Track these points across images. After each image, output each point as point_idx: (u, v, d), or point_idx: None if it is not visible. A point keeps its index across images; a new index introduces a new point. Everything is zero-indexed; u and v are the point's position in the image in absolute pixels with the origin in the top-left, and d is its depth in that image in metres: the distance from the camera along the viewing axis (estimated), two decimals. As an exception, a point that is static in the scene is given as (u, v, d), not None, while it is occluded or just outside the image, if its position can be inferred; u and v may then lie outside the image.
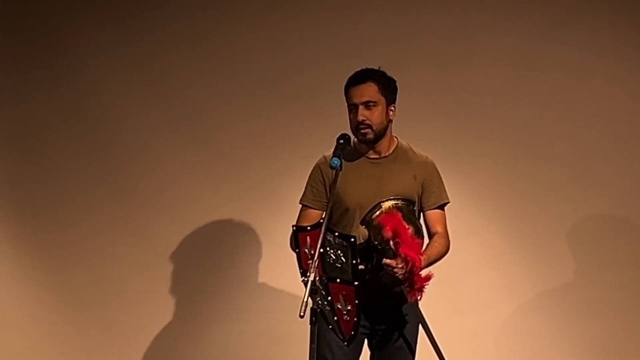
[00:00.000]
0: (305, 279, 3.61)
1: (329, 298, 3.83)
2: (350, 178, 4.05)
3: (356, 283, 3.78)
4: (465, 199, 5.29)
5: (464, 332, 5.25)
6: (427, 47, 5.30)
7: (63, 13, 5.42)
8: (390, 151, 4.18)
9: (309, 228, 3.89)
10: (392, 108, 4.16)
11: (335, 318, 3.84)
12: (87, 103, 5.39)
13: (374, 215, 4.02)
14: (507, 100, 5.29)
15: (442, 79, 5.29)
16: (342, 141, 4.01)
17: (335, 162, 3.89)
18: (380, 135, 4.12)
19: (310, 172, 4.23)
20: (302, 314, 3.53)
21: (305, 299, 3.54)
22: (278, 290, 5.28)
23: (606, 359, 5.21)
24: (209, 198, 5.34)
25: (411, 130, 5.16)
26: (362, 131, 4.08)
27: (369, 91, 4.09)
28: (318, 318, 3.67)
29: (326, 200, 4.13)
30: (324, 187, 4.16)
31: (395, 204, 4.07)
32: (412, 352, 4.19)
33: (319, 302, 3.79)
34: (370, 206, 4.05)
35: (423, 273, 3.96)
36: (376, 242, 3.94)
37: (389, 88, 4.14)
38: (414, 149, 4.25)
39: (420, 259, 3.92)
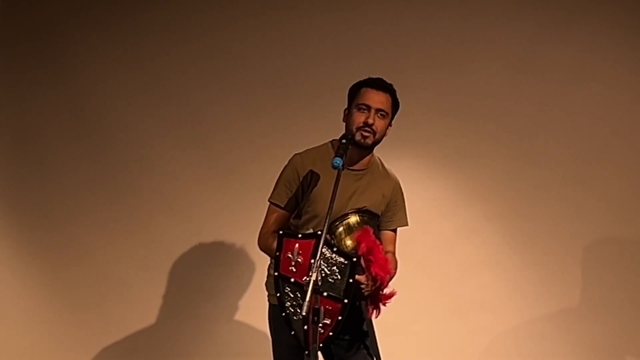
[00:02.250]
0: (307, 279, 3.61)
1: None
2: (326, 186, 4.02)
3: (345, 301, 3.80)
4: (465, 200, 5.31)
5: (463, 332, 5.26)
6: (428, 48, 5.31)
7: (63, 13, 5.42)
8: (367, 166, 4.18)
9: (299, 236, 3.90)
10: (390, 125, 4.18)
11: (306, 327, 3.80)
12: (88, 103, 5.39)
13: (340, 228, 4.05)
14: (507, 102, 5.30)
15: (442, 80, 5.30)
16: (344, 141, 4.01)
17: (338, 162, 3.87)
18: (374, 145, 4.13)
19: (283, 169, 4.19)
20: (304, 313, 3.54)
21: (307, 298, 3.56)
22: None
23: (605, 359, 5.22)
24: (210, 197, 5.34)
25: (412, 131, 5.20)
26: (365, 133, 4.07)
27: (386, 102, 4.10)
28: (319, 318, 3.69)
29: (298, 203, 4.12)
30: (298, 189, 4.13)
31: (362, 217, 4.10)
32: (376, 352, 4.16)
33: (290, 308, 3.83)
34: (337, 215, 4.05)
35: (387, 290, 4.00)
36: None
37: (396, 107, 4.17)
38: (384, 164, 4.26)
39: (387, 278, 3.97)
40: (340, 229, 4.06)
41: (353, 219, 4.08)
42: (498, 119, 5.30)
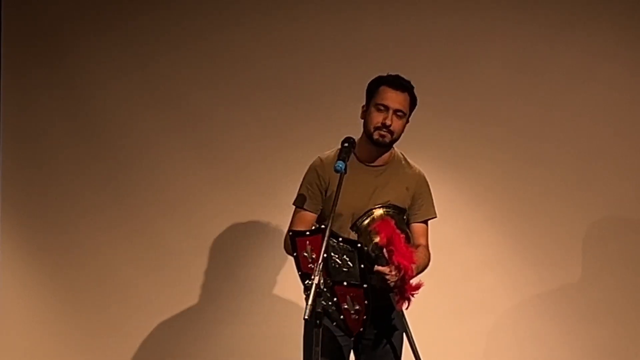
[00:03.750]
0: (310, 282, 3.63)
1: (335, 299, 3.85)
2: (347, 184, 4.03)
3: (365, 285, 3.80)
4: (467, 201, 5.31)
5: (464, 334, 5.26)
6: (429, 50, 5.31)
7: (67, 15, 5.42)
8: (388, 160, 4.21)
9: (307, 233, 3.91)
10: (407, 123, 4.21)
11: (342, 317, 3.86)
12: (92, 105, 5.39)
13: (365, 222, 4.08)
14: (510, 103, 5.30)
15: (444, 81, 5.29)
16: (346, 144, 4.03)
17: (340, 166, 3.90)
18: (391, 144, 4.17)
19: (305, 173, 4.24)
20: (306, 317, 3.56)
21: (310, 302, 3.57)
22: (284, 293, 5.28)
23: (608, 362, 5.24)
24: (214, 200, 5.34)
25: (414, 132, 5.18)
26: (383, 133, 4.10)
27: (404, 101, 4.14)
28: (322, 321, 3.68)
29: (322, 204, 4.17)
30: (319, 190, 4.18)
31: (387, 211, 4.12)
32: (398, 358, 4.21)
33: (323, 303, 3.82)
34: (361, 212, 4.09)
35: (413, 282, 4.00)
36: (366, 248, 3.97)
37: (414, 106, 4.21)
38: (408, 159, 4.29)
39: (412, 267, 3.96)
40: (366, 223, 4.08)
41: (377, 213, 4.10)
42: (500, 120, 5.30)
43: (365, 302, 3.81)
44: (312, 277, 3.63)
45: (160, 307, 5.34)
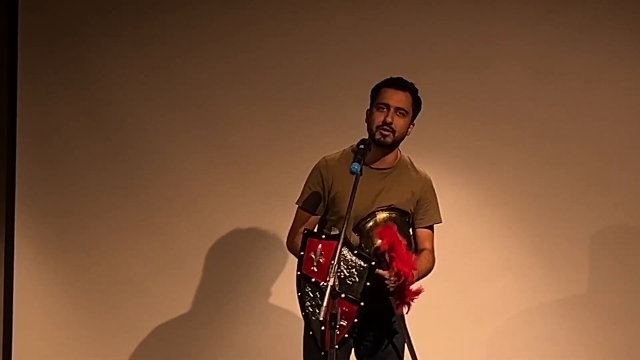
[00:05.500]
0: (325, 284, 3.65)
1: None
2: (351, 187, 4.01)
3: (362, 303, 3.82)
4: (484, 204, 5.29)
5: (482, 337, 5.25)
6: (446, 52, 5.30)
7: (83, 16, 5.43)
8: (394, 164, 4.20)
9: (323, 236, 3.94)
10: (413, 125, 4.21)
11: (323, 328, 3.82)
12: (107, 105, 5.40)
13: (368, 225, 4.09)
14: (526, 105, 5.29)
15: (461, 83, 5.28)
16: (362, 146, 4.03)
17: (356, 167, 3.90)
18: (395, 144, 4.16)
19: (309, 173, 4.26)
20: (321, 317, 3.57)
21: (325, 303, 3.57)
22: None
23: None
24: (228, 201, 5.34)
25: (430, 134, 5.18)
26: (385, 132, 4.10)
27: (405, 100, 4.14)
28: (337, 322, 3.68)
29: (324, 205, 4.19)
30: (322, 191, 4.19)
31: (390, 214, 4.12)
32: (401, 358, 4.20)
33: (309, 308, 3.82)
34: (365, 215, 4.09)
35: (413, 287, 4.01)
36: (367, 251, 3.99)
37: (418, 106, 4.21)
38: (414, 164, 4.29)
39: (412, 273, 3.97)
40: (369, 226, 4.08)
41: (380, 216, 4.10)
42: (518, 122, 5.28)
43: (355, 320, 3.81)
44: (327, 278, 3.65)
45: (174, 307, 5.35)
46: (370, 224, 4.09)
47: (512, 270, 5.28)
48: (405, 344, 4.12)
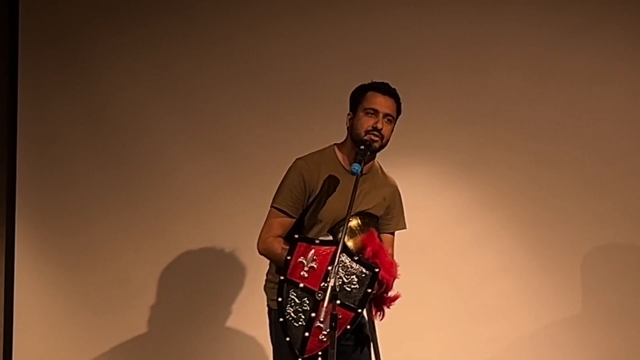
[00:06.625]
0: (325, 285, 3.64)
1: (312, 315, 3.82)
2: (331, 190, 4.03)
3: (359, 310, 3.82)
4: (483, 206, 5.30)
5: (480, 339, 5.24)
6: (444, 54, 5.30)
7: (83, 18, 5.43)
8: (370, 169, 4.18)
9: (317, 242, 3.90)
10: (392, 131, 4.17)
11: (307, 334, 3.81)
12: (107, 108, 5.41)
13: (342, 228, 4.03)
14: (524, 108, 5.29)
15: (459, 86, 5.29)
16: (362, 147, 4.01)
17: (357, 168, 3.89)
18: (380, 150, 4.13)
19: (286, 174, 4.17)
20: (321, 319, 3.59)
21: (325, 304, 3.58)
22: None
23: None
24: (228, 203, 5.35)
25: (428, 137, 5.20)
26: (374, 137, 4.06)
27: (392, 106, 4.12)
28: (337, 323, 3.69)
29: (303, 209, 4.09)
30: (304, 195, 4.10)
31: (362, 219, 4.10)
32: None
33: (291, 314, 3.82)
34: (340, 219, 4.05)
35: (391, 293, 4.03)
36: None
37: (399, 114, 4.18)
38: (383, 169, 4.26)
39: (392, 281, 3.98)
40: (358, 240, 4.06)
41: (354, 222, 4.07)
42: (516, 125, 5.29)
43: (347, 327, 3.80)
44: (328, 279, 3.64)
45: (173, 309, 5.34)
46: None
47: (510, 272, 5.28)
48: (373, 350, 4.09)
